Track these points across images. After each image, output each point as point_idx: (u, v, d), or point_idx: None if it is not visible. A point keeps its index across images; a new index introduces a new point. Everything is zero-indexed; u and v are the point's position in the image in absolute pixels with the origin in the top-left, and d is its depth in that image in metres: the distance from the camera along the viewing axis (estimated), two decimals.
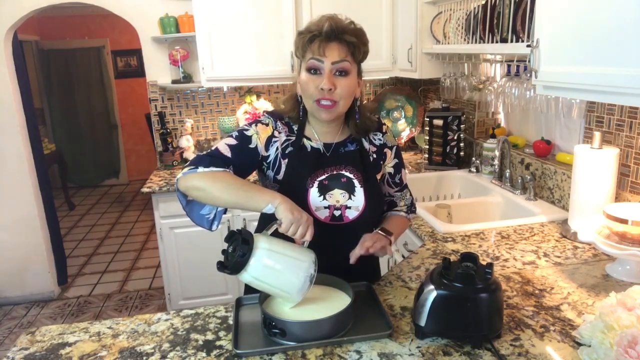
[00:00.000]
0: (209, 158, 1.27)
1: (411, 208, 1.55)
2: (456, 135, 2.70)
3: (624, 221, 1.38)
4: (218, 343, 1.17)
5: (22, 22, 3.31)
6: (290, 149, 1.36)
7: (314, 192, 1.33)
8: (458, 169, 2.71)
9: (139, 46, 3.32)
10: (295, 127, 1.39)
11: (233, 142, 1.32)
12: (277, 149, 1.35)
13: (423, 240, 1.82)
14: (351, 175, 1.36)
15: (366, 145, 1.43)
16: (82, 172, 7.05)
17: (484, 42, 2.08)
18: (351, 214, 1.35)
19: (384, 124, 1.49)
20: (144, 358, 1.12)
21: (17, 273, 3.58)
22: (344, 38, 1.27)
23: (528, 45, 1.49)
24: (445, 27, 2.53)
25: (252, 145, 1.33)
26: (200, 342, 1.17)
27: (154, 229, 4.08)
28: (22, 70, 3.49)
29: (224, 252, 1.16)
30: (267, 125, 1.36)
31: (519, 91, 2.04)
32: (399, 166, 1.50)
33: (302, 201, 1.31)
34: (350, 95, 1.31)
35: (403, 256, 2.13)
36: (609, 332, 0.99)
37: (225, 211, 1.29)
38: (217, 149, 1.30)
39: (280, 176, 1.36)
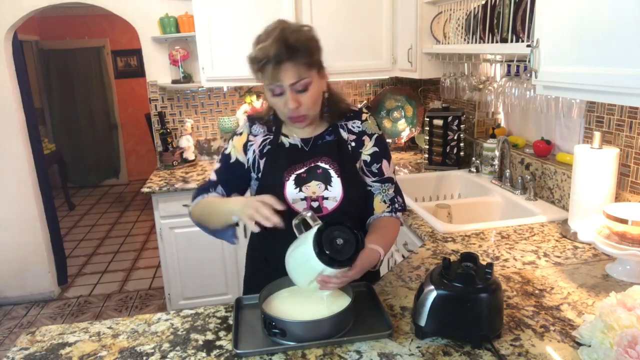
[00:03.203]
0: (198, 191, 1.43)
1: (394, 205, 1.43)
2: (456, 135, 2.70)
3: (624, 221, 1.38)
4: (218, 343, 1.17)
5: (22, 22, 3.31)
6: (268, 147, 1.41)
7: (290, 185, 1.36)
8: (458, 169, 2.71)
9: (139, 46, 3.32)
10: (274, 127, 1.43)
11: (217, 165, 1.46)
12: (253, 151, 1.42)
13: (423, 240, 1.82)
14: (327, 166, 1.37)
15: (344, 134, 1.42)
16: (82, 172, 7.06)
17: (484, 42, 2.08)
18: (330, 205, 1.35)
19: (365, 112, 1.47)
20: (144, 358, 1.12)
21: (17, 273, 3.58)
22: (294, 58, 1.23)
23: (528, 45, 1.49)
24: (445, 27, 2.53)
25: (232, 160, 1.43)
26: (200, 342, 1.17)
27: (154, 229, 4.08)
28: (22, 70, 3.49)
29: (324, 243, 1.08)
30: (240, 134, 1.45)
31: (519, 91, 2.04)
32: (378, 155, 1.43)
33: (279, 195, 1.34)
34: (316, 103, 1.32)
35: (403, 256, 2.13)
36: (609, 332, 0.99)
37: (235, 224, 1.34)
38: (208, 180, 1.46)
39: (260, 175, 1.42)
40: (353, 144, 1.42)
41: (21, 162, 3.41)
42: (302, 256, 1.13)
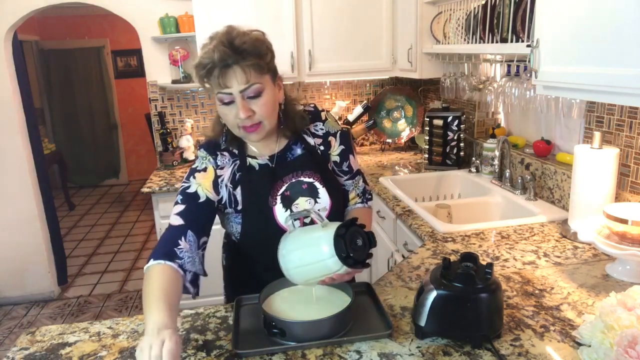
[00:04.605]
0: (160, 245, 1.19)
1: (365, 195, 1.48)
2: (456, 135, 2.70)
3: (624, 221, 1.38)
4: (218, 343, 1.17)
5: (22, 22, 3.31)
6: (239, 174, 1.31)
7: (279, 209, 1.31)
8: (458, 169, 2.71)
9: (139, 46, 3.32)
10: (235, 150, 1.33)
11: (181, 207, 1.25)
12: (226, 186, 1.31)
13: (423, 240, 1.82)
14: (310, 179, 1.33)
15: (311, 140, 1.38)
16: (82, 172, 7.06)
17: (484, 42, 2.08)
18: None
19: (323, 110, 1.42)
20: None
21: (17, 273, 3.58)
22: (242, 61, 1.13)
23: (528, 45, 1.49)
24: (445, 27, 2.53)
25: (202, 200, 1.27)
26: (200, 342, 1.17)
27: (154, 229, 4.08)
28: (22, 70, 3.49)
29: (344, 243, 1.08)
30: (205, 170, 1.30)
31: (519, 91, 2.04)
32: (345, 153, 1.42)
33: (270, 221, 1.30)
34: (272, 111, 1.23)
35: (403, 256, 2.13)
36: (609, 332, 0.99)
37: (190, 281, 1.19)
38: (169, 225, 1.23)
39: (240, 206, 1.31)
40: (322, 147, 1.39)
41: (21, 162, 3.41)
42: (313, 256, 1.12)
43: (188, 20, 3.14)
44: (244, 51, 1.13)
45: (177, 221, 1.23)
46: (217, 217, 1.36)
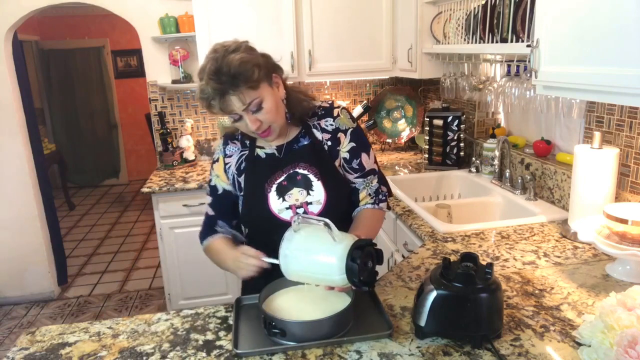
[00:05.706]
0: (203, 229, 1.46)
1: (378, 196, 1.45)
2: (456, 135, 2.70)
3: (624, 221, 1.38)
4: (218, 343, 1.17)
5: (22, 22, 3.31)
6: (244, 164, 1.41)
7: (272, 196, 1.35)
8: (458, 169, 2.71)
9: (139, 46, 3.32)
10: (247, 142, 1.42)
11: (209, 199, 1.46)
12: (232, 172, 1.42)
13: (423, 240, 1.82)
14: (305, 171, 1.36)
15: (319, 135, 1.40)
16: (82, 172, 7.06)
17: (484, 42, 2.08)
18: (315, 209, 1.35)
19: (337, 107, 1.44)
20: (144, 358, 1.12)
21: (17, 273, 3.58)
22: (236, 87, 1.20)
23: (528, 45, 1.49)
24: (445, 27, 2.53)
25: (220, 192, 1.44)
26: (200, 342, 1.17)
27: (154, 229, 4.08)
28: (22, 70, 3.49)
29: (358, 264, 1.09)
30: (218, 161, 1.44)
31: (519, 91, 2.04)
32: (356, 150, 1.42)
33: (263, 207, 1.35)
34: (277, 113, 1.29)
35: (403, 256, 2.13)
36: (609, 332, 1.00)
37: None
38: (206, 213, 1.47)
39: (242, 192, 1.41)
40: (329, 143, 1.40)
41: (21, 162, 3.41)
42: (320, 268, 1.12)
43: (188, 20, 3.14)
44: (234, 77, 1.19)
45: (210, 211, 1.45)
46: None
